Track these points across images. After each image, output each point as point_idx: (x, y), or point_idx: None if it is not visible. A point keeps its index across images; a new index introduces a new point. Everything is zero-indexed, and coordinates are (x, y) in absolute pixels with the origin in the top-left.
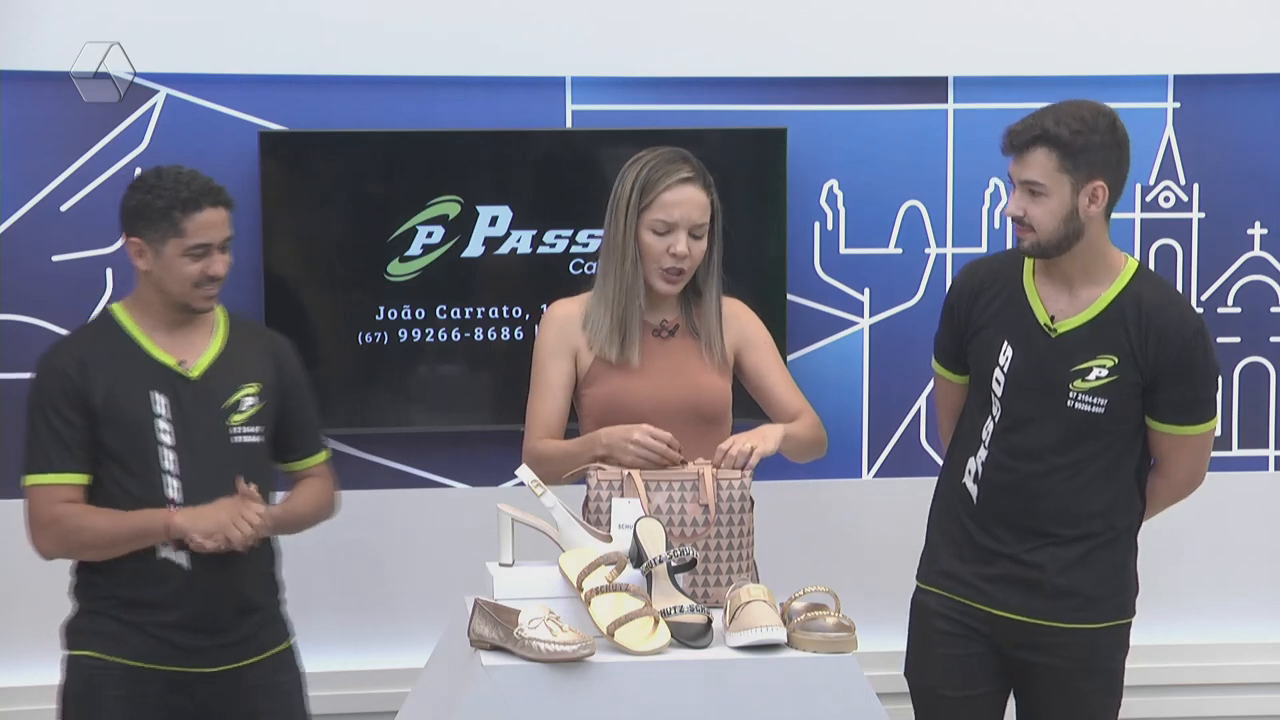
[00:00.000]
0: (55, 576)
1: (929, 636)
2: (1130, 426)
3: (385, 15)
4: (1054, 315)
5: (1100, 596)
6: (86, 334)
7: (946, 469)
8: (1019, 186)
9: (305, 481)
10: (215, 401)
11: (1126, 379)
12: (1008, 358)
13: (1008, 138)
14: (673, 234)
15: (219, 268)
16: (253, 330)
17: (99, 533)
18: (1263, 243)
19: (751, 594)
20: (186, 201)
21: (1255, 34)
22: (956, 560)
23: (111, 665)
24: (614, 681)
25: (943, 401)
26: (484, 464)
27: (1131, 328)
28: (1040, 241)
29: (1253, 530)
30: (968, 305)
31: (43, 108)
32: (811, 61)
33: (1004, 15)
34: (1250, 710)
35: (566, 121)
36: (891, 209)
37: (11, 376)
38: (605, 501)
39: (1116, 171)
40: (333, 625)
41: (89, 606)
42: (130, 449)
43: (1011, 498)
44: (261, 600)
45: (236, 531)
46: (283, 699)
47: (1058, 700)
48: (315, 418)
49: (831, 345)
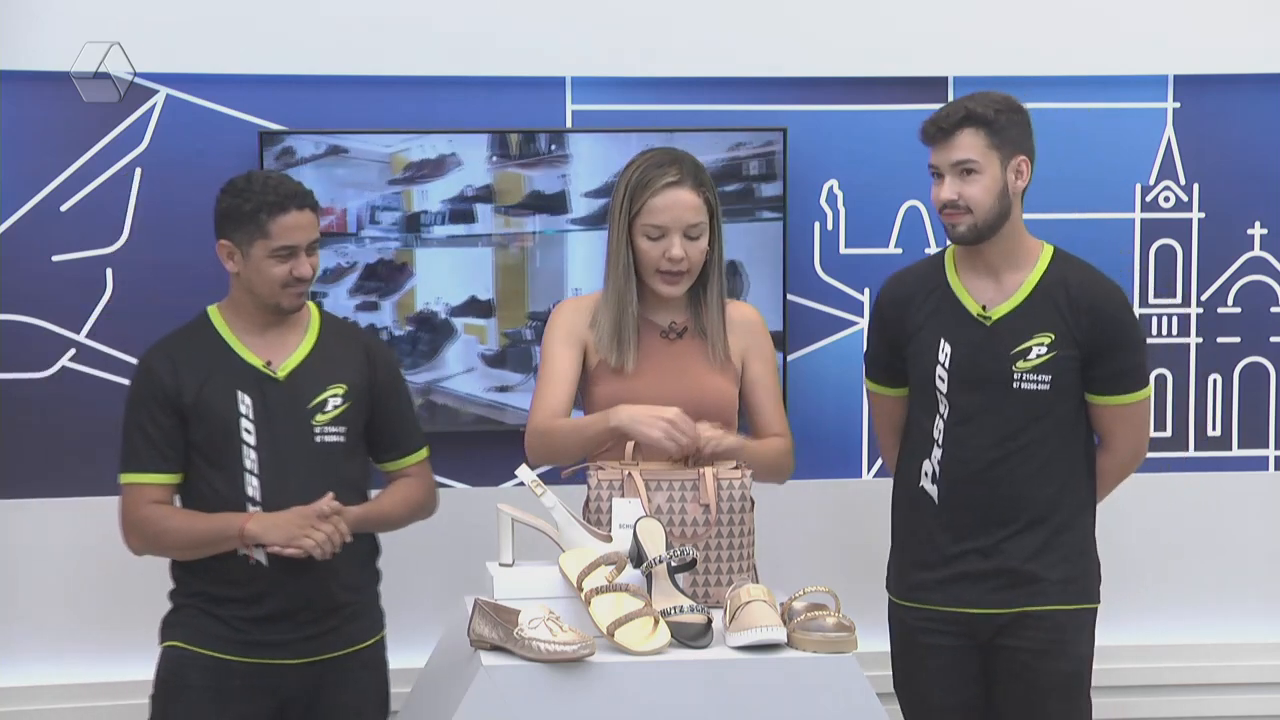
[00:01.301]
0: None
1: (911, 649)
2: (1073, 403)
3: (385, 15)
4: (985, 305)
5: (1063, 580)
6: (182, 334)
7: (901, 479)
8: (949, 171)
9: (398, 481)
10: (300, 402)
11: (1065, 353)
12: (947, 354)
13: (931, 124)
14: (666, 238)
15: (305, 269)
16: (346, 330)
17: (179, 535)
18: (1263, 243)
19: (751, 594)
20: (273, 205)
21: (1255, 34)
22: (924, 568)
23: (197, 656)
24: (614, 681)
25: (882, 419)
26: (484, 464)
27: (1062, 305)
28: (976, 223)
29: (1253, 530)
30: (899, 314)
31: (43, 108)
32: (811, 61)
33: (1004, 15)
34: (1250, 710)
35: (566, 121)
36: (891, 209)
37: (12, 376)
38: (606, 501)
39: (1032, 149)
40: None
41: (180, 601)
42: (216, 448)
43: (970, 490)
44: (347, 597)
45: (309, 540)
46: (366, 693)
47: (1021, 684)
48: (412, 418)
49: (831, 345)
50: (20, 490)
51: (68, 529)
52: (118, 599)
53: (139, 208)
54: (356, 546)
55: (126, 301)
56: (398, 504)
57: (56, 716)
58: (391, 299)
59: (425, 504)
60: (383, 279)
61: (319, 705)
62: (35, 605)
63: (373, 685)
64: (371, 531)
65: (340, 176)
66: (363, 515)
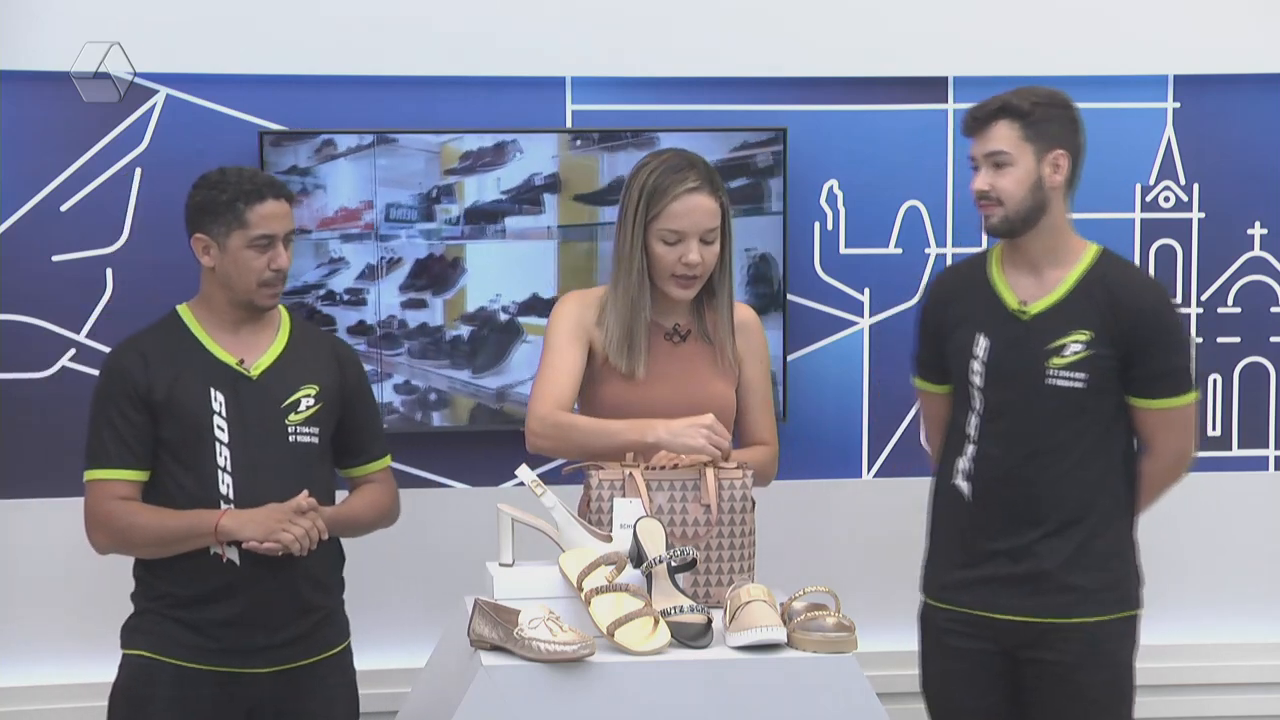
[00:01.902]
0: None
1: (939, 651)
2: (1111, 404)
3: (385, 15)
4: (1023, 300)
5: (1099, 589)
6: (152, 332)
7: (938, 476)
8: (983, 162)
9: (364, 487)
10: (274, 401)
11: (1101, 353)
12: (983, 348)
13: (969, 115)
14: (684, 243)
15: (283, 260)
16: (316, 334)
17: (149, 531)
18: (1263, 243)
19: (751, 594)
20: (250, 193)
21: (1255, 34)
22: (955, 567)
23: (163, 665)
24: (614, 681)
25: (929, 417)
26: (484, 464)
27: (1101, 304)
28: (1008, 215)
29: (1253, 530)
30: (940, 310)
31: (43, 108)
32: (811, 61)
33: (1004, 15)
34: (1250, 710)
35: (566, 121)
36: (891, 209)
37: (12, 376)
38: (606, 501)
39: (1075, 146)
40: None
41: (143, 606)
42: (187, 445)
43: (1003, 489)
44: (318, 600)
45: (287, 535)
46: (335, 700)
47: (1060, 694)
48: (377, 424)
49: (831, 345)
50: (20, 490)
51: (68, 529)
52: (117, 599)
53: (139, 208)
54: (325, 550)
55: (126, 301)
56: (366, 508)
57: (56, 716)
58: (442, 296)
59: (391, 510)
60: (432, 276)
61: (288, 713)
62: (35, 605)
63: (342, 692)
64: (341, 535)
65: (385, 168)
66: (334, 516)
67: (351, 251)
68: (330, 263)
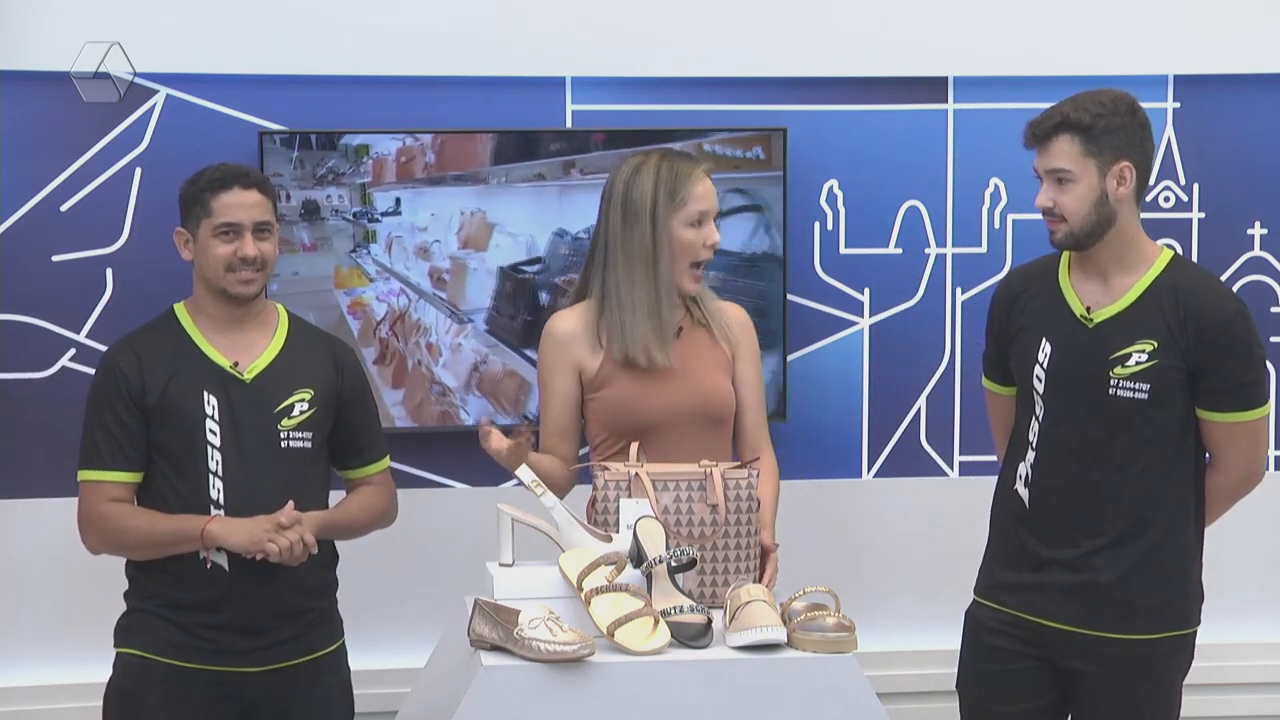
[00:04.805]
0: (55, 577)
1: (980, 651)
2: (1177, 417)
3: (385, 15)
4: (1090, 306)
5: (1156, 605)
6: (147, 331)
7: (1001, 479)
8: (1046, 178)
9: (361, 489)
10: (267, 406)
11: (1167, 364)
12: (1046, 354)
13: (1029, 130)
14: (705, 225)
15: (250, 250)
16: (314, 335)
17: (139, 534)
18: (1263, 243)
19: (751, 594)
20: (215, 182)
21: (1255, 34)
22: (1010, 570)
23: (155, 664)
24: (614, 681)
25: (995, 418)
26: (484, 464)
27: (1169, 313)
28: (1073, 231)
29: (1253, 530)
30: (1006, 312)
31: (43, 108)
32: (811, 61)
33: (1004, 15)
34: (1250, 710)
35: (566, 121)
36: (891, 209)
37: (11, 376)
38: (613, 501)
39: (1141, 153)
40: None
41: (136, 605)
42: (179, 448)
43: (1061, 497)
44: (308, 603)
45: (272, 545)
46: (328, 701)
47: (1109, 710)
48: (376, 425)
49: (831, 345)
50: (20, 490)
51: (68, 529)
52: (117, 599)
53: (139, 208)
54: (317, 553)
55: (126, 301)
56: (361, 511)
57: (56, 716)
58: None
59: (387, 513)
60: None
61: (281, 712)
62: (35, 605)
63: (336, 692)
64: (335, 538)
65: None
66: (327, 521)
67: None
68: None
